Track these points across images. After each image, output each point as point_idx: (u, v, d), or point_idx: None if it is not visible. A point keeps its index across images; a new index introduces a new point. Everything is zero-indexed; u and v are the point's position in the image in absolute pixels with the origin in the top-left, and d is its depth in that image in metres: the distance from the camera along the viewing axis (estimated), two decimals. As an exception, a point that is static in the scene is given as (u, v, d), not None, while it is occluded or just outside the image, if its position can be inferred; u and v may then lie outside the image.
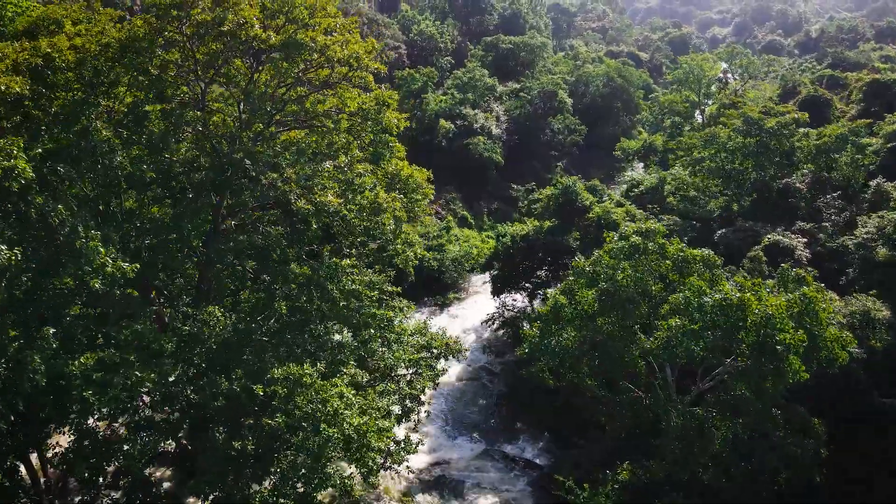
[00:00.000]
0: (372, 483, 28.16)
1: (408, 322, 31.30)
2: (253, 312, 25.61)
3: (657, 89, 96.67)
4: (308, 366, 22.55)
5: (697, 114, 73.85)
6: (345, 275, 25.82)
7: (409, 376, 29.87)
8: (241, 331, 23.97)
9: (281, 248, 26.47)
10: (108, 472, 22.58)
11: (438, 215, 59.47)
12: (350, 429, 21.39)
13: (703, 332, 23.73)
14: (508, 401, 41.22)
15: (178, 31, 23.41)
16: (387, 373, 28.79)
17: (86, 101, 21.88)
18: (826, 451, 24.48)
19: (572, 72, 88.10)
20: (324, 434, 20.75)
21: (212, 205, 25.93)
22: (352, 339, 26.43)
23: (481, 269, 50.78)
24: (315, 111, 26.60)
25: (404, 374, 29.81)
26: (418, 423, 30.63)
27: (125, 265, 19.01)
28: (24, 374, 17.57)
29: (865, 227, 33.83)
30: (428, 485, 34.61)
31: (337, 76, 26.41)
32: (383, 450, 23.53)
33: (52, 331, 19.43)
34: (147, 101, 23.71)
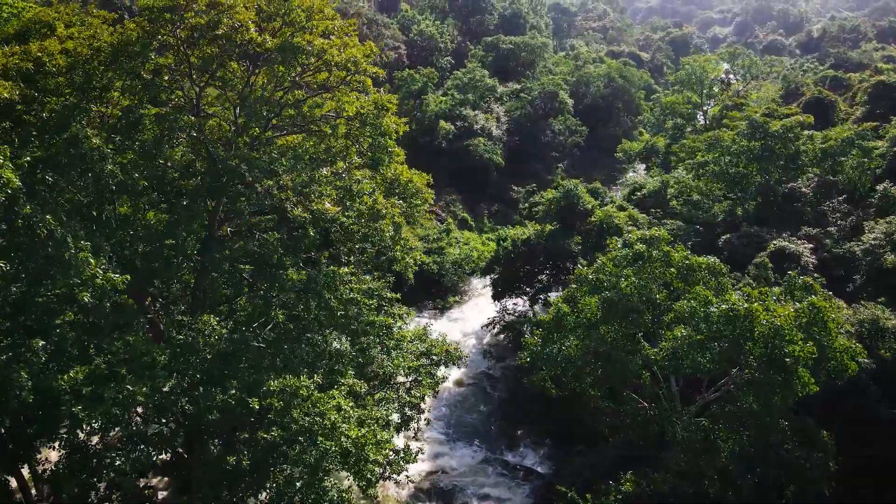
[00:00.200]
0: (371, 495, 27.73)
1: (407, 327, 30.79)
2: (249, 321, 25.09)
3: (658, 90, 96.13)
4: (305, 377, 22.01)
5: (700, 115, 73.24)
6: (342, 283, 25.30)
7: (409, 384, 29.39)
8: (237, 340, 23.48)
9: (278, 255, 25.96)
10: (101, 486, 21.96)
11: (438, 217, 58.91)
12: (348, 442, 20.88)
13: (710, 343, 23.20)
14: (509, 407, 40.75)
15: (172, 34, 22.84)
16: (386, 380, 28.32)
17: (77, 107, 21.32)
18: (835, 465, 23.94)
19: (573, 72, 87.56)
20: (321, 447, 20.27)
21: (207, 210, 25.40)
22: (350, 346, 25.91)
23: (482, 274, 50.33)
24: (312, 115, 26.06)
25: (404, 382, 29.34)
26: (418, 431, 30.15)
27: (115, 276, 18.43)
28: (10, 391, 16.99)
29: (873, 233, 33.26)
30: (428, 493, 34.21)
31: (335, 80, 25.87)
32: (381, 463, 23.02)
33: (41, 343, 18.93)
34: (140, 105, 23.12)
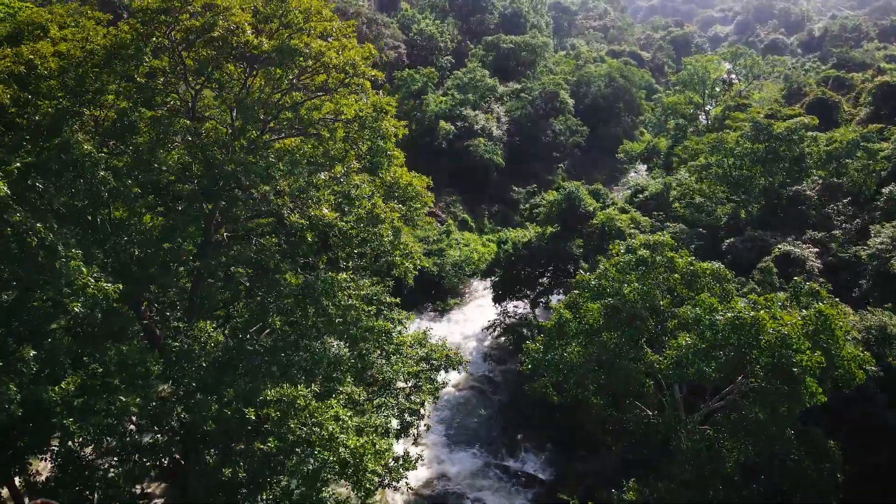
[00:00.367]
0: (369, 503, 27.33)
1: (407, 331, 30.39)
2: (246, 327, 24.67)
3: (660, 89, 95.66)
4: (302, 386, 21.61)
5: (701, 116, 72.76)
6: (340, 289, 24.84)
7: (409, 389, 28.99)
8: (234, 348, 23.08)
9: (275, 261, 25.52)
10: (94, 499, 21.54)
11: (438, 219, 58.43)
12: (346, 452, 20.47)
13: (715, 351, 22.78)
14: (510, 411, 40.34)
15: (167, 36, 22.37)
16: (385, 385, 27.91)
17: (69, 111, 20.85)
18: (843, 475, 23.52)
19: (574, 72, 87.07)
20: (318, 458, 19.87)
21: (204, 214, 24.97)
22: (349, 352, 25.51)
23: (482, 276, 49.91)
24: (310, 118, 25.61)
25: (403, 388, 28.93)
26: (418, 437, 29.76)
27: (107, 285, 17.96)
28: (-1, 404, 16.58)
29: (879, 237, 32.76)
30: (428, 500, 33.81)
31: (334, 82, 25.42)
32: (380, 473, 22.61)
33: (32, 352, 18.51)
34: (134, 109, 22.64)
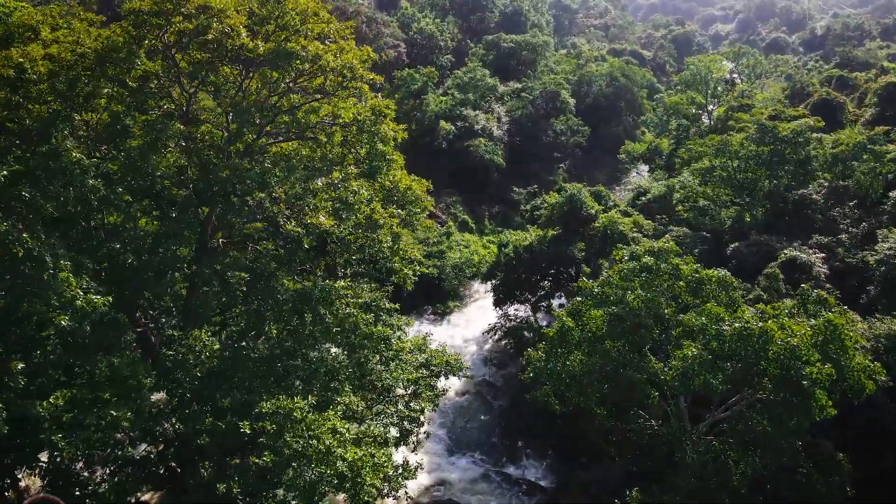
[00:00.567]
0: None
1: (406, 336, 29.84)
2: (242, 335, 24.14)
3: (661, 88, 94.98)
4: (299, 397, 21.09)
5: (704, 116, 72.12)
6: (338, 297, 24.31)
7: (408, 396, 28.44)
8: (229, 357, 22.55)
9: (272, 267, 24.98)
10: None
11: (438, 220, 57.84)
12: (343, 465, 19.96)
13: (722, 362, 22.21)
14: (511, 417, 39.74)
15: (160, 39, 21.77)
16: (384, 392, 27.38)
17: (59, 115, 20.28)
18: (853, 490, 22.97)
19: (575, 71, 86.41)
20: (315, 471, 19.37)
21: (199, 219, 24.41)
22: (347, 359, 24.97)
23: (483, 279, 49.29)
24: (308, 122, 25.05)
25: (402, 395, 28.39)
26: (417, 444, 29.23)
27: (97, 298, 17.40)
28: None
29: (887, 242, 32.18)
30: (428, 508, 33.33)
31: (331, 85, 24.87)
32: (379, 487, 22.10)
33: (20, 365, 17.98)
34: (127, 113, 22.05)
